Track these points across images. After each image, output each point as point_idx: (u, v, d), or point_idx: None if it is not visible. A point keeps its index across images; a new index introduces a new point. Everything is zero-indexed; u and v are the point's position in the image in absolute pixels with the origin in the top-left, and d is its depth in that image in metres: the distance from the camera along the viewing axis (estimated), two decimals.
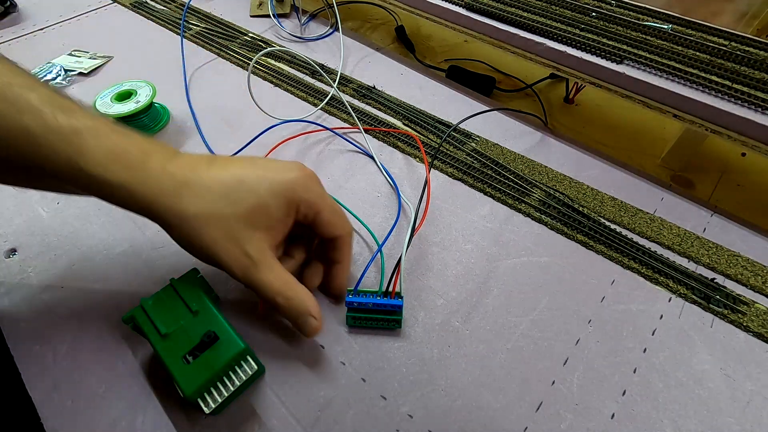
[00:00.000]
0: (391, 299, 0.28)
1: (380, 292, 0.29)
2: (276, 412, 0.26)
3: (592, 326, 0.30)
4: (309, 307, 0.26)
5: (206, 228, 0.24)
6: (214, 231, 0.24)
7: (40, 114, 0.23)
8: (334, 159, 0.42)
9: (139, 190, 0.24)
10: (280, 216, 0.26)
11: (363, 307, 0.28)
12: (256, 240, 0.25)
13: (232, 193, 0.25)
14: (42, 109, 0.23)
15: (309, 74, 0.52)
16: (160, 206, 0.24)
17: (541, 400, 0.27)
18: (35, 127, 0.23)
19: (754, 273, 0.33)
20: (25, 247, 0.34)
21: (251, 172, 0.26)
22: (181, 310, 0.26)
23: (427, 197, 0.27)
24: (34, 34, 0.59)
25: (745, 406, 0.27)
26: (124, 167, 0.24)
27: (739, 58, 0.38)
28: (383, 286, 0.29)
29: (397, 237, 0.35)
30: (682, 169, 0.43)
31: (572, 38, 0.42)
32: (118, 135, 0.24)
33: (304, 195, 0.26)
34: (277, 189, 0.26)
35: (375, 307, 0.28)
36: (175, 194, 0.24)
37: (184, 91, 0.49)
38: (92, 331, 0.29)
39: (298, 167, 0.27)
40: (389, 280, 0.29)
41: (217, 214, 0.24)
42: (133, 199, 0.24)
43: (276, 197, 0.26)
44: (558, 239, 0.35)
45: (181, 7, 0.64)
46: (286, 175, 0.26)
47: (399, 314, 0.29)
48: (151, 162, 0.24)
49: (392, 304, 0.28)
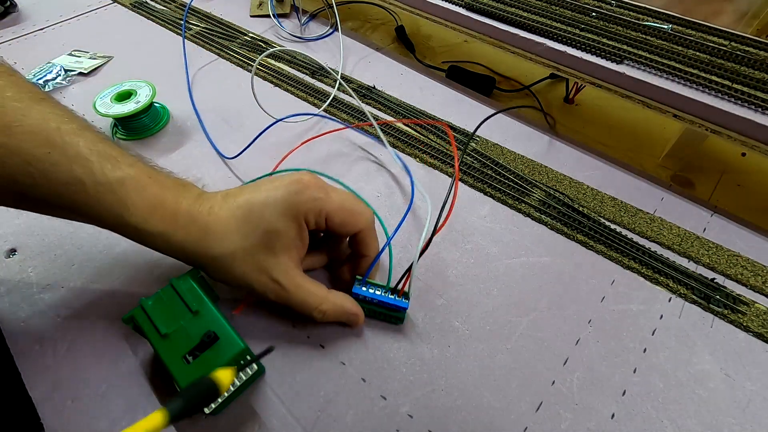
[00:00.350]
0: (398, 299, 0.28)
1: (388, 287, 0.29)
2: (276, 412, 0.26)
3: (592, 326, 0.30)
4: (345, 309, 0.28)
5: (233, 264, 0.26)
6: (241, 265, 0.26)
7: (89, 165, 0.25)
8: (345, 158, 0.42)
9: (173, 239, 0.26)
10: (292, 234, 0.26)
11: (368, 300, 0.29)
12: (280, 265, 0.26)
13: (244, 226, 0.26)
14: (90, 159, 0.25)
15: (309, 74, 0.52)
16: (190, 252, 0.26)
17: (541, 400, 0.27)
18: (85, 178, 0.24)
19: (754, 273, 0.33)
20: (25, 247, 0.34)
21: (256, 199, 0.27)
22: (181, 310, 0.26)
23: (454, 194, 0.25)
24: (34, 34, 0.59)
25: (745, 406, 0.27)
26: (161, 219, 0.26)
27: (739, 58, 0.38)
28: (391, 281, 0.29)
29: (407, 233, 0.35)
30: (682, 169, 0.43)
31: (572, 38, 0.42)
32: (156, 185, 0.26)
33: (306, 206, 0.26)
34: (280, 209, 0.26)
35: (381, 303, 0.28)
36: (201, 240, 0.26)
37: (183, 91, 0.49)
38: (92, 331, 0.29)
39: (295, 180, 0.27)
40: (399, 279, 0.28)
41: (239, 250, 0.26)
42: (168, 246, 0.26)
43: (283, 218, 0.26)
44: (558, 239, 0.35)
45: (181, 7, 0.64)
46: (283, 192, 0.26)
47: (402, 313, 0.29)
48: (181, 208, 0.26)
49: (398, 305, 0.28)
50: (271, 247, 0.26)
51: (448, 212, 0.27)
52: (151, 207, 0.26)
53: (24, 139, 0.24)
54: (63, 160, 0.24)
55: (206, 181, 0.39)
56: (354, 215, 0.28)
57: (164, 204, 0.26)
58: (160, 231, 0.26)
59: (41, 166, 0.24)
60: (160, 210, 0.26)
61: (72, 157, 0.24)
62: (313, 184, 0.27)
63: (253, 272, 0.26)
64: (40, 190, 0.24)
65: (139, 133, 0.43)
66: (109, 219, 0.25)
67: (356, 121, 0.45)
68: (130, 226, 0.25)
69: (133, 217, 0.25)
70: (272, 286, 0.26)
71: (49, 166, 0.24)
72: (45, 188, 0.24)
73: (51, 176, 0.24)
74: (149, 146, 0.43)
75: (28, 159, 0.24)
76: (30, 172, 0.24)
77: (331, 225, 0.27)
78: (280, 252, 0.26)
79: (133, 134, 0.43)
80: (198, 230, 0.26)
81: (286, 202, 0.26)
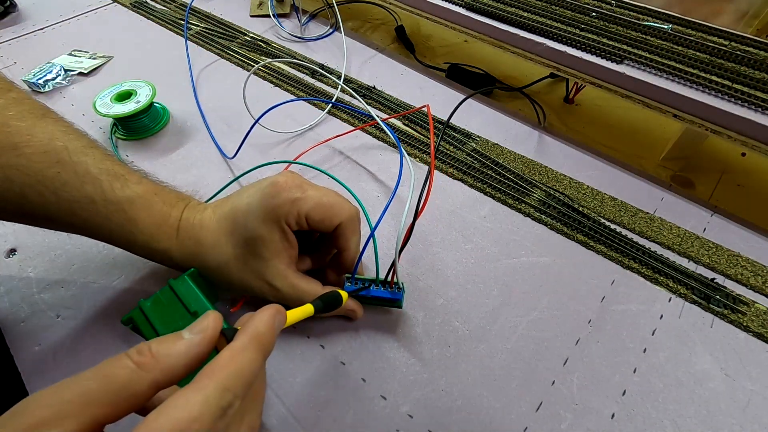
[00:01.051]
0: (390, 290, 0.28)
1: (378, 280, 0.29)
2: (276, 412, 0.26)
3: (592, 326, 0.30)
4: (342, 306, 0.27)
5: (230, 272, 0.27)
6: (237, 273, 0.27)
7: (98, 183, 0.26)
8: (348, 160, 0.42)
9: (175, 254, 0.27)
10: (276, 239, 0.26)
11: (363, 296, 0.29)
12: (272, 268, 0.27)
13: (232, 237, 0.27)
14: (100, 178, 0.26)
15: (309, 74, 0.52)
16: (191, 264, 0.27)
17: (541, 400, 0.27)
18: (95, 197, 0.25)
19: (754, 273, 0.33)
20: (25, 247, 0.34)
21: (238, 208, 0.27)
22: (180, 311, 0.26)
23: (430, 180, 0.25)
24: (34, 34, 0.59)
25: (745, 406, 0.27)
26: (166, 236, 0.27)
27: (739, 58, 0.38)
28: (379, 274, 0.29)
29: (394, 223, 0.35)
30: (682, 169, 0.43)
31: (572, 38, 0.42)
32: (161, 202, 0.27)
33: (284, 209, 0.26)
34: (260, 216, 0.26)
35: (376, 299, 0.29)
36: (198, 254, 0.27)
37: (183, 91, 0.49)
38: (92, 331, 0.29)
39: (270, 183, 0.27)
40: (388, 272, 0.28)
41: (231, 259, 0.27)
42: (171, 260, 0.27)
43: (263, 225, 0.26)
44: (558, 239, 0.35)
45: (181, 7, 0.64)
46: (260, 198, 0.26)
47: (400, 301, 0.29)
48: (180, 226, 0.27)
49: (393, 297, 0.28)
50: (260, 253, 0.26)
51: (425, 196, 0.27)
52: (156, 225, 0.27)
53: (33, 159, 0.24)
54: (73, 179, 0.25)
55: (207, 180, 0.39)
56: (332, 209, 0.27)
57: (168, 221, 0.27)
58: (164, 248, 0.27)
59: (51, 184, 0.24)
60: (165, 227, 0.27)
61: (81, 175, 0.25)
62: (290, 184, 0.26)
63: (249, 278, 0.27)
64: (50, 208, 0.25)
65: (139, 133, 0.43)
66: (118, 236, 0.26)
67: (357, 123, 0.45)
68: (138, 244, 0.27)
69: (141, 235, 0.26)
70: (268, 290, 0.27)
71: (60, 185, 0.25)
72: (55, 206, 0.25)
73: (61, 195, 0.25)
74: (149, 146, 0.43)
75: (38, 178, 0.24)
76: (40, 191, 0.24)
77: (312, 223, 0.27)
78: (270, 257, 0.27)
79: (133, 134, 0.43)
80: (193, 244, 0.27)
81: (264, 208, 0.26)
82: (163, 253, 0.27)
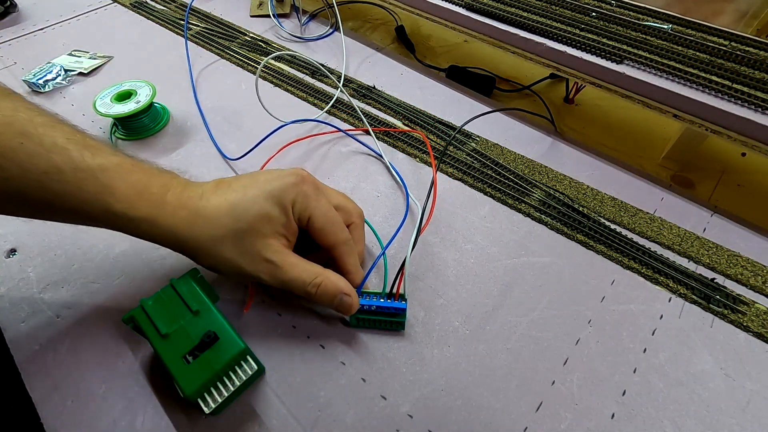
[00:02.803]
0: (394, 301, 0.28)
1: (383, 293, 0.29)
2: (276, 412, 0.26)
3: (592, 326, 0.30)
4: (340, 287, 0.27)
5: (223, 247, 0.26)
6: (231, 248, 0.26)
7: (67, 152, 0.24)
8: (340, 160, 0.42)
9: (160, 223, 0.25)
10: (283, 221, 0.27)
11: (366, 309, 0.28)
12: (271, 246, 0.26)
13: (237, 209, 0.26)
14: (68, 148, 0.24)
15: (309, 74, 0.52)
16: (179, 236, 0.25)
17: (541, 400, 0.27)
18: (63, 165, 0.24)
19: (754, 273, 0.33)
20: (25, 247, 0.34)
21: (252, 185, 0.27)
22: (181, 310, 0.26)
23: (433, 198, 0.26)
24: (34, 34, 0.59)
25: (745, 406, 0.27)
26: (147, 203, 0.25)
27: (739, 58, 0.38)
28: (386, 288, 0.29)
29: (400, 238, 0.35)
30: (682, 169, 0.43)
31: (572, 38, 0.42)
32: (140, 171, 0.26)
33: (294, 196, 0.27)
34: (275, 196, 0.26)
35: (379, 309, 0.28)
36: (190, 224, 0.25)
37: (184, 91, 0.49)
38: (92, 331, 0.29)
39: (292, 172, 0.27)
40: (393, 282, 0.29)
41: (229, 232, 0.26)
42: (155, 231, 0.25)
43: (275, 204, 0.26)
44: (558, 239, 0.35)
45: (181, 7, 0.64)
46: (280, 181, 0.27)
47: (402, 316, 0.29)
48: (168, 195, 0.26)
49: (396, 306, 0.28)
50: (261, 231, 0.26)
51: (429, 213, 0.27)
52: (136, 192, 0.25)
53: None
54: (39, 150, 0.23)
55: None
56: (335, 225, 0.28)
57: (150, 189, 0.25)
58: (146, 216, 0.25)
59: (16, 156, 0.23)
60: (146, 195, 0.25)
61: (48, 146, 0.24)
62: (311, 181, 0.28)
63: (243, 254, 0.26)
64: (15, 183, 0.23)
65: (139, 133, 0.43)
66: (92, 207, 0.24)
67: (358, 123, 0.45)
68: (115, 213, 0.25)
69: (118, 203, 0.24)
70: (264, 266, 0.26)
71: (25, 158, 0.23)
72: (22, 180, 0.23)
73: (27, 167, 0.23)
74: (149, 146, 0.43)
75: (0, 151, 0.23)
76: (3, 165, 0.23)
77: (311, 227, 0.27)
78: (270, 235, 0.26)
79: (133, 134, 0.43)
80: (188, 214, 0.26)
81: (281, 190, 0.26)
82: (144, 222, 0.25)
